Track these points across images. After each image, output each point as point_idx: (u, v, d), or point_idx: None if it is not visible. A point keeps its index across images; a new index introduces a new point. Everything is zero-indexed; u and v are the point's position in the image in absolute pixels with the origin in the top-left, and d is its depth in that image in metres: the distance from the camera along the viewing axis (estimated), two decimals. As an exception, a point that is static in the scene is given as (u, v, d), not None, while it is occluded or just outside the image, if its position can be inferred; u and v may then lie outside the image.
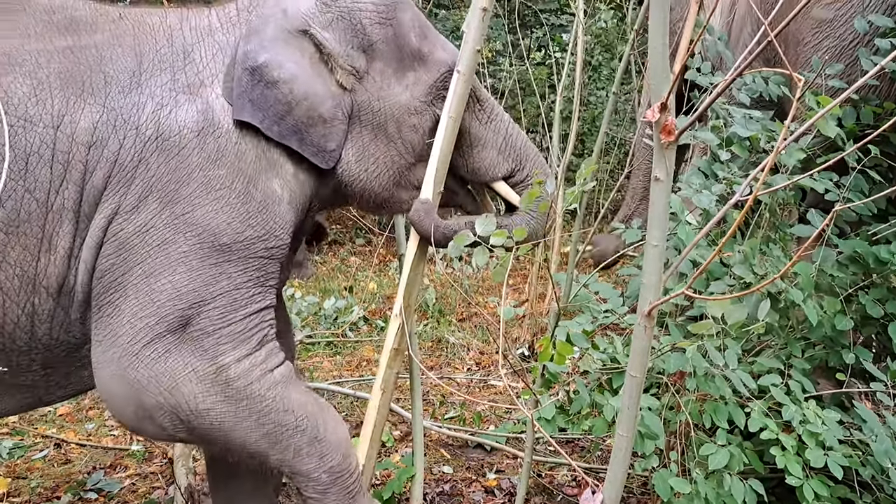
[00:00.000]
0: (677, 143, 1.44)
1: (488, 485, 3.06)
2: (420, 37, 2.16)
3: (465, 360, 4.61)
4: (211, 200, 1.89)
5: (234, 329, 1.91)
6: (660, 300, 1.51)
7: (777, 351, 2.47)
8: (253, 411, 1.93)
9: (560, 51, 6.21)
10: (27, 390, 2.00)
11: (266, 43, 1.99)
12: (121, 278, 1.86)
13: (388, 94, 2.11)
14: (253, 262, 1.95)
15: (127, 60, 1.94)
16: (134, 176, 1.86)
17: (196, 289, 1.87)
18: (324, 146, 2.04)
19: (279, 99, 1.97)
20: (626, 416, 1.64)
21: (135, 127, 1.88)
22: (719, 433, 2.21)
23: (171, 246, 1.86)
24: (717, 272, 2.31)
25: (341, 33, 2.06)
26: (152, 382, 1.85)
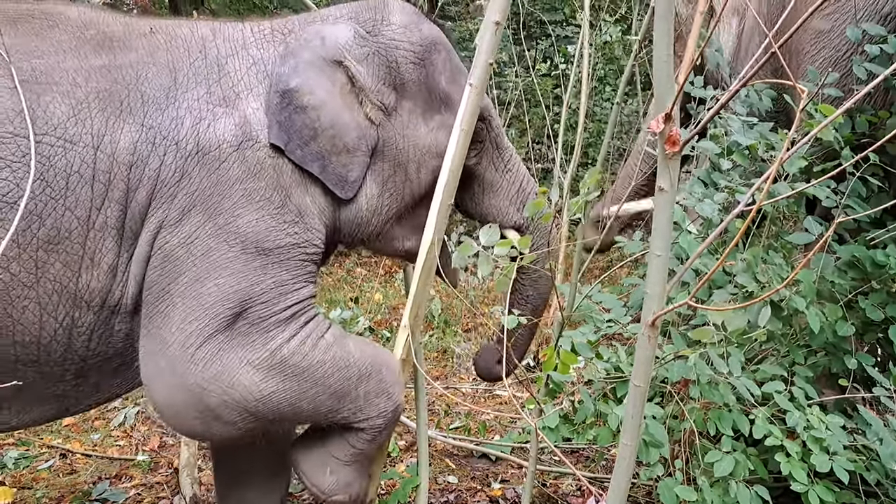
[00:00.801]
0: (681, 153, 1.45)
1: (493, 494, 3.05)
2: (450, 81, 2.19)
3: (471, 370, 4.62)
4: (252, 211, 1.92)
5: (280, 317, 1.95)
6: (663, 310, 1.51)
7: (780, 358, 2.48)
8: (317, 379, 1.97)
9: (566, 62, 6.25)
10: (57, 400, 2.02)
11: (300, 68, 2.01)
12: (167, 287, 1.89)
13: (414, 134, 2.14)
14: (294, 263, 1.99)
15: (162, 77, 1.97)
16: (177, 190, 1.90)
17: (242, 288, 1.90)
18: (345, 176, 2.05)
19: (306, 124, 1.99)
20: (631, 425, 1.64)
21: (175, 142, 1.91)
22: (724, 440, 2.21)
23: (216, 254, 1.89)
24: (719, 281, 2.32)
25: (375, 68, 2.09)
26: (212, 383, 1.87)
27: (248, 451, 2.37)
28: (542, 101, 6.08)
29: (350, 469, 2.12)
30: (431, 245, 2.16)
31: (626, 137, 6.80)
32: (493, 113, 2.28)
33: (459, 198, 2.30)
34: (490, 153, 2.27)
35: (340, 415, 2.04)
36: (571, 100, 4.89)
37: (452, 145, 2.14)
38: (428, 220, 2.17)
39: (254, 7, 9.22)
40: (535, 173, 6.40)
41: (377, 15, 2.14)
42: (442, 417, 3.86)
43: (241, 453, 2.38)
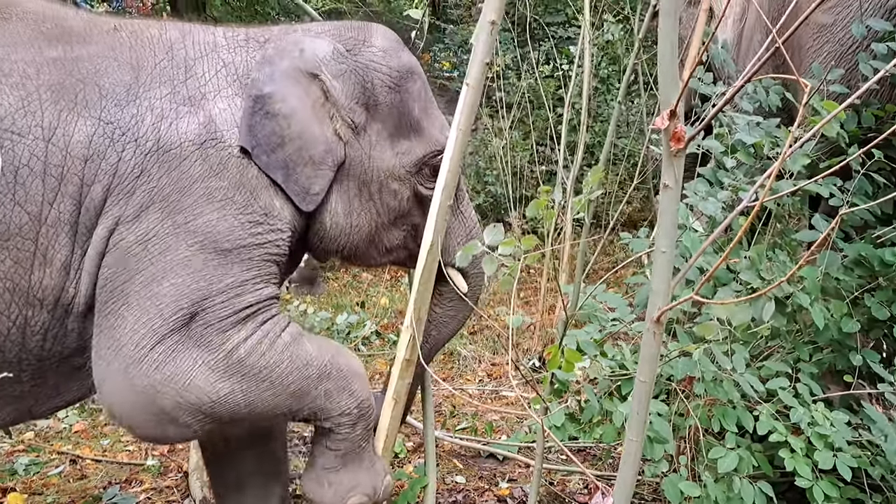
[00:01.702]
0: (686, 150, 1.46)
1: (501, 494, 3.07)
2: (422, 110, 2.21)
3: (477, 371, 4.63)
4: (212, 210, 1.89)
5: (237, 317, 1.91)
6: (668, 306, 1.53)
7: (785, 355, 2.49)
8: (274, 379, 1.93)
9: (568, 63, 6.26)
10: (16, 401, 1.98)
11: (276, 75, 2.01)
12: (122, 286, 1.85)
13: (379, 156, 2.15)
14: (255, 263, 1.95)
15: (123, 73, 1.93)
16: (135, 187, 1.86)
17: (199, 288, 1.86)
18: (308, 187, 2.03)
19: (275, 131, 1.98)
20: (636, 421, 1.65)
21: (134, 139, 1.88)
22: (728, 436, 2.22)
23: (173, 252, 1.85)
24: (723, 278, 2.33)
25: (350, 86, 2.09)
26: (165, 385, 1.82)
27: (241, 456, 2.36)
28: (546, 102, 6.09)
29: (344, 472, 2.10)
30: (432, 246, 2.17)
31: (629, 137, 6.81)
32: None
33: (419, 228, 2.29)
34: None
35: (302, 414, 2.02)
36: (574, 100, 4.90)
37: (450, 146, 2.16)
38: (427, 221, 2.19)
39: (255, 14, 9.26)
40: (540, 175, 6.41)
41: (359, 35, 2.16)
42: (448, 418, 3.88)
43: (233, 460, 2.37)
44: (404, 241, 2.30)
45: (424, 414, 2.66)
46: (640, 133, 6.69)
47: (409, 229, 2.29)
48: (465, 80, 2.16)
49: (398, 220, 2.24)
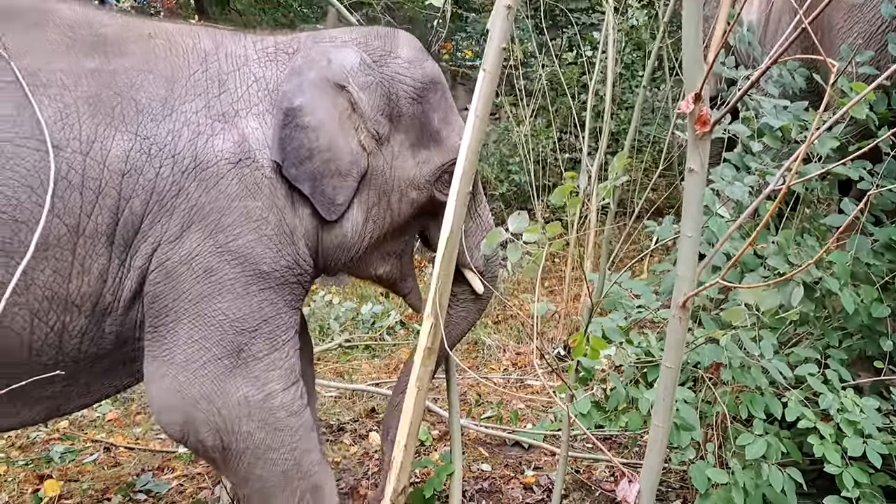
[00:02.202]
0: (711, 134, 1.45)
1: (526, 481, 3.07)
2: (442, 120, 2.23)
3: (501, 360, 4.63)
4: (250, 230, 1.96)
5: (280, 356, 2.02)
6: (694, 291, 1.52)
7: (814, 342, 2.45)
8: (284, 444, 2.04)
9: (592, 49, 6.20)
10: (48, 401, 2.05)
11: (305, 86, 2.03)
12: (171, 304, 1.94)
13: (400, 166, 2.18)
14: (287, 288, 2.04)
15: (158, 87, 1.96)
16: (174, 205, 1.91)
17: (245, 315, 1.95)
18: (333, 198, 2.07)
19: (303, 143, 2.01)
20: (662, 407, 1.65)
21: (171, 155, 1.92)
22: (756, 423, 2.20)
23: (217, 274, 1.93)
24: (751, 264, 2.30)
25: (376, 98, 2.12)
26: (206, 400, 1.95)
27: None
28: (568, 90, 6.04)
29: None
30: (452, 234, 2.17)
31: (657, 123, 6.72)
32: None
33: (430, 232, 2.35)
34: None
35: (273, 502, 2.07)
36: (598, 86, 4.86)
37: (468, 133, 2.16)
38: (447, 210, 2.19)
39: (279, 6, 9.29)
40: (564, 163, 6.37)
41: (386, 45, 2.17)
42: (474, 407, 3.89)
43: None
44: (403, 249, 2.35)
45: (449, 402, 2.67)
46: (665, 119, 6.61)
47: (409, 238, 2.35)
48: (481, 66, 2.16)
49: (406, 226, 2.29)
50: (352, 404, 3.97)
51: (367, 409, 3.86)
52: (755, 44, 3.15)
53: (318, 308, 5.18)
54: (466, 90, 9.17)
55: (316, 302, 5.23)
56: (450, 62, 9.53)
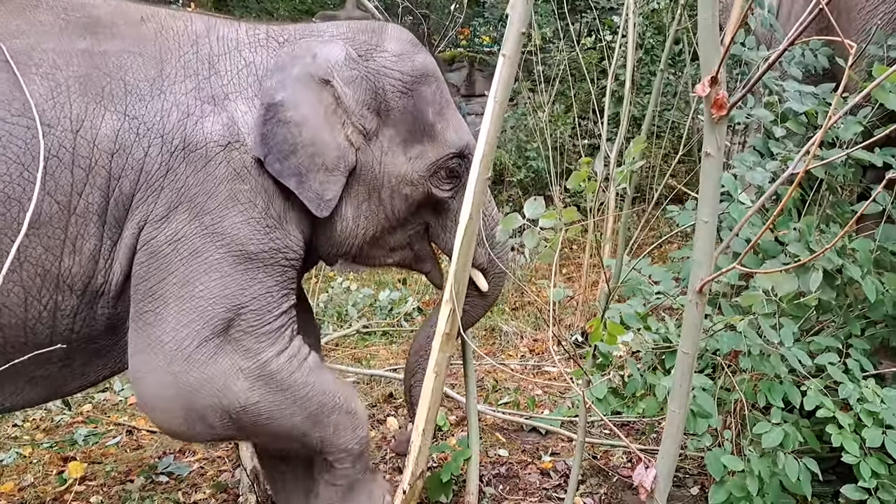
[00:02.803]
0: (728, 117, 1.43)
1: (543, 467, 3.08)
2: (437, 114, 2.18)
3: (519, 347, 4.64)
4: (237, 213, 1.95)
5: (271, 328, 2.01)
6: (711, 276, 1.51)
7: (835, 330, 2.43)
8: (298, 397, 2.04)
9: (611, 34, 6.14)
10: (46, 381, 2.07)
11: (288, 82, 2.01)
12: (157, 286, 1.92)
13: (390, 161, 2.14)
14: (277, 269, 2.03)
15: (148, 68, 1.96)
16: (162, 185, 1.91)
17: (233, 293, 1.94)
18: (321, 194, 2.05)
19: (286, 138, 1.99)
20: (679, 393, 1.64)
21: (160, 135, 1.91)
22: (774, 412, 2.19)
23: (203, 255, 1.92)
24: (771, 251, 2.28)
25: (362, 93, 2.08)
26: (205, 385, 1.93)
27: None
28: (588, 75, 6.00)
29: (353, 497, 2.22)
30: (470, 220, 2.17)
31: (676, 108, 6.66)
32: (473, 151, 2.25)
33: (432, 228, 2.32)
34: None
35: (311, 441, 2.10)
36: (618, 71, 4.82)
37: (487, 118, 2.15)
38: (466, 194, 2.19)
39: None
40: (582, 149, 6.34)
41: (373, 39, 2.14)
42: (491, 393, 3.90)
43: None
44: (410, 240, 2.32)
45: (467, 388, 2.68)
46: (685, 104, 6.54)
47: (417, 230, 2.31)
48: (501, 51, 2.14)
49: (406, 222, 2.25)
50: (369, 390, 3.99)
51: (385, 395, 3.88)
52: (776, 25, 3.10)
53: (336, 294, 5.21)
54: (484, 76, 9.13)
55: (334, 288, 5.26)
56: (467, 48, 9.50)
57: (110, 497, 2.95)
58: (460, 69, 8.86)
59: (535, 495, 2.88)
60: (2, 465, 3.17)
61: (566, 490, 2.83)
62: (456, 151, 2.19)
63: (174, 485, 3.04)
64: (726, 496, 2.16)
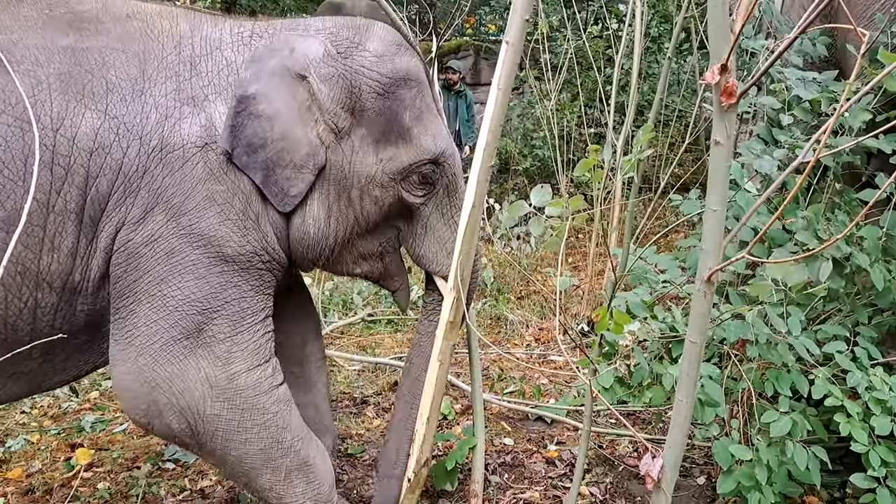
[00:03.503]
0: (737, 106, 1.42)
1: (549, 456, 3.08)
2: (415, 118, 2.13)
3: (524, 336, 4.64)
4: (214, 214, 1.94)
5: (244, 338, 1.99)
6: (719, 265, 1.50)
7: (843, 318, 2.42)
8: (256, 423, 2.01)
9: (618, 22, 6.10)
10: (27, 377, 2.07)
11: (263, 75, 1.99)
12: (132, 285, 1.93)
13: (360, 161, 2.10)
14: (254, 273, 2.01)
15: (130, 67, 1.94)
16: (139, 186, 1.90)
17: (206, 296, 1.94)
18: (286, 190, 2.02)
19: (257, 132, 1.97)
20: (686, 382, 1.64)
21: (139, 136, 1.90)
22: (782, 400, 2.19)
23: (179, 255, 1.92)
24: (779, 239, 2.27)
25: (337, 91, 2.04)
26: (167, 382, 1.94)
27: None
28: (594, 63, 5.96)
29: None
30: (474, 208, 2.16)
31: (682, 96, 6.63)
32: (451, 160, 2.22)
33: (403, 236, 2.27)
34: (439, 198, 2.23)
35: (258, 482, 2.06)
36: (624, 60, 4.79)
37: (490, 106, 2.13)
38: (469, 183, 2.17)
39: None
40: (589, 138, 6.31)
41: (356, 37, 2.10)
42: (496, 382, 3.90)
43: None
44: (382, 250, 2.27)
45: (472, 376, 2.68)
46: (691, 92, 6.51)
47: (389, 240, 2.27)
48: (504, 38, 2.12)
49: (377, 228, 2.21)
50: (375, 378, 4.00)
51: (390, 383, 3.89)
52: (778, 14, 3.08)
53: (341, 282, 5.21)
54: (490, 65, 9.10)
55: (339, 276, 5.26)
56: (473, 37, 9.46)
57: (117, 483, 2.97)
58: (466, 58, 8.84)
59: (540, 484, 2.88)
60: (10, 451, 3.19)
61: (571, 479, 2.83)
62: (430, 158, 2.15)
63: (181, 472, 3.05)
64: (734, 485, 2.16)
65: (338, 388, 3.83)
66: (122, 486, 2.94)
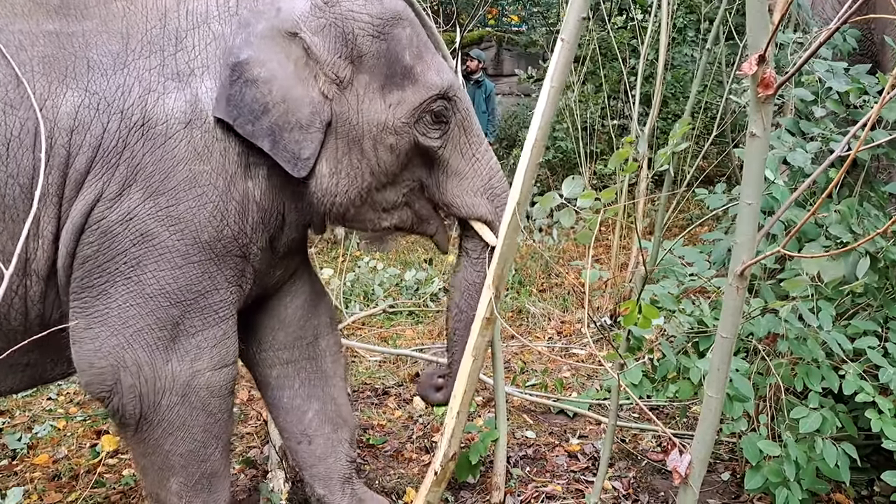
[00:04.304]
0: (775, 96, 1.40)
1: (571, 449, 3.07)
2: (416, 56, 2.07)
3: (546, 329, 4.62)
4: (194, 196, 1.88)
5: (213, 334, 1.97)
6: (753, 259, 1.48)
7: (873, 313, 2.38)
8: (198, 423, 2.00)
9: (643, 13, 6.04)
10: (28, 369, 2.06)
11: (253, 39, 1.93)
12: (105, 265, 1.87)
13: (369, 109, 2.03)
14: (230, 261, 1.97)
15: (112, 44, 1.90)
16: (118, 162, 1.84)
17: (181, 287, 1.90)
18: (298, 153, 1.97)
19: (256, 98, 1.92)
20: (716, 377, 1.62)
21: (119, 111, 1.85)
22: (811, 396, 2.16)
23: (155, 239, 1.87)
24: (811, 233, 2.23)
25: (331, 41, 1.99)
26: (136, 366, 1.91)
27: (303, 408, 2.41)
28: (619, 54, 5.91)
29: None
30: (519, 206, 2.13)
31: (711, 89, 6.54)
32: (460, 94, 2.16)
33: (427, 186, 2.20)
34: (456, 137, 2.15)
35: (168, 483, 2.03)
36: (649, 51, 4.74)
37: (542, 102, 2.10)
38: (515, 179, 2.13)
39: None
40: (612, 129, 6.26)
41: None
42: (518, 375, 3.89)
43: (296, 412, 2.42)
44: (406, 199, 2.20)
45: (494, 369, 2.67)
46: (717, 84, 6.43)
47: (411, 186, 2.19)
48: (560, 35, 2.09)
49: (397, 178, 2.14)
50: (396, 369, 4.00)
51: (411, 374, 3.89)
52: (805, 6, 3.03)
53: (362, 274, 5.22)
54: (512, 55, 9.06)
55: (360, 268, 5.27)
56: (496, 27, 9.41)
57: (142, 471, 3.00)
58: (488, 48, 8.79)
59: (562, 478, 2.87)
60: (37, 437, 3.23)
61: (594, 473, 2.83)
62: (439, 93, 2.08)
63: (204, 460, 3.08)
64: (762, 482, 2.14)
65: (359, 379, 3.83)
66: (146, 472, 2.97)
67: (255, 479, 2.86)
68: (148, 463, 2.05)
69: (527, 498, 2.71)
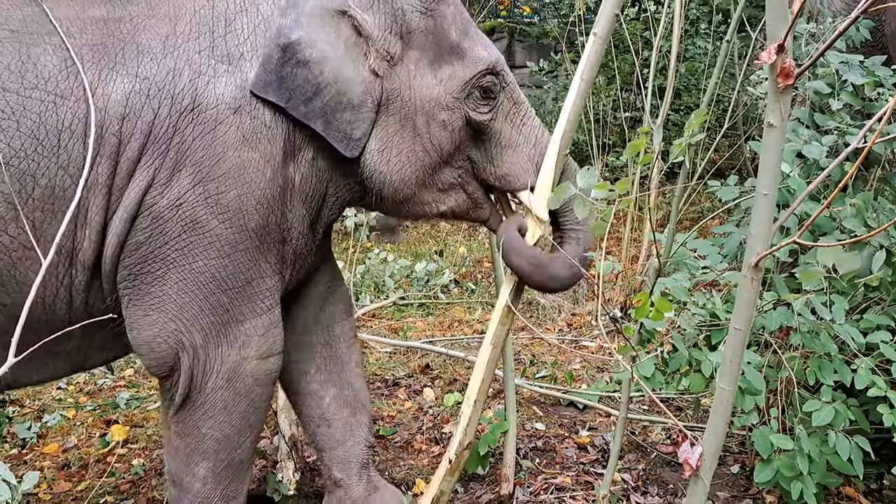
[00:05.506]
0: (794, 86, 1.38)
1: (581, 441, 3.07)
2: (461, 32, 2.08)
3: (557, 321, 4.61)
4: (243, 183, 1.89)
5: (261, 322, 2.00)
6: (768, 251, 1.46)
7: (886, 307, 2.36)
8: (239, 410, 2.02)
9: (656, 4, 6.00)
10: (69, 357, 2.07)
11: (302, 19, 1.92)
12: (158, 250, 1.88)
13: (421, 85, 2.04)
14: (274, 249, 1.98)
15: (161, 27, 1.90)
16: (168, 147, 1.85)
17: (230, 275, 1.92)
18: (350, 133, 1.97)
19: (308, 79, 1.91)
20: (729, 370, 1.61)
21: (170, 95, 1.85)
22: (824, 390, 2.15)
23: (204, 227, 1.88)
24: (825, 227, 2.22)
25: (381, 17, 1.99)
26: (192, 349, 1.95)
27: (321, 392, 2.42)
28: (631, 46, 5.86)
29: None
30: (550, 200, 2.11)
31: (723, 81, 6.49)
32: (505, 67, 2.16)
33: (476, 163, 2.18)
34: (505, 109, 2.15)
35: (196, 468, 2.04)
36: (662, 42, 4.71)
37: (572, 95, 2.10)
38: (543, 169, 2.12)
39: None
40: (624, 122, 6.22)
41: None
42: (528, 367, 3.89)
43: (314, 396, 2.43)
44: (461, 180, 2.18)
45: (504, 361, 2.67)
46: (729, 77, 6.38)
47: (465, 166, 2.18)
48: (592, 30, 2.09)
49: (451, 156, 2.13)
50: (406, 360, 4.01)
51: (422, 366, 3.90)
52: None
53: (373, 265, 5.23)
54: (524, 47, 9.00)
55: (371, 259, 5.27)
56: (507, 18, 9.36)
57: (151, 460, 3.02)
58: (500, 40, 8.74)
59: (572, 469, 2.87)
60: (46, 426, 3.25)
61: (603, 465, 2.82)
62: (487, 68, 2.08)
63: (215, 449, 3.09)
64: (773, 475, 2.13)
65: (369, 371, 3.84)
66: (156, 462, 2.99)
67: (265, 469, 2.88)
68: (182, 444, 2.06)
69: (536, 490, 2.72)
